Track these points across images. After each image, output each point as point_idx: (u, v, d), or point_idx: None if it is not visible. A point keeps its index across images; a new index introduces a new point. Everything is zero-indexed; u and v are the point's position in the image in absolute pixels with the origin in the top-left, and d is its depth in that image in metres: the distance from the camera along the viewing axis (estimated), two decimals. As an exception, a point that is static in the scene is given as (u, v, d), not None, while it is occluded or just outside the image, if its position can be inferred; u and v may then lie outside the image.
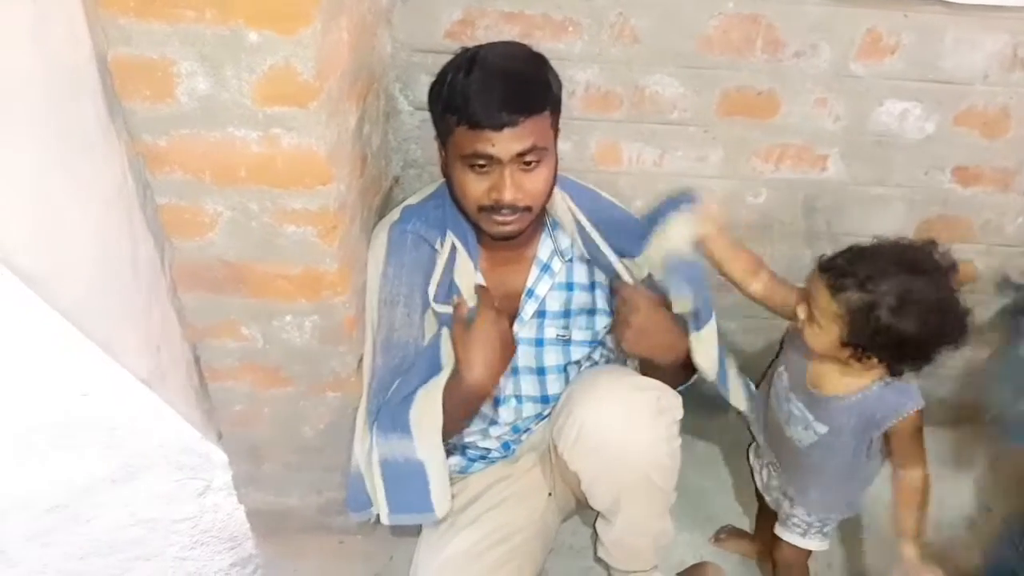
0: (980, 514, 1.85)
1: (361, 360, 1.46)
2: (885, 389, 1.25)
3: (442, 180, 1.43)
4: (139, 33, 1.05)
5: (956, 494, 1.86)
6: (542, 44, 1.52)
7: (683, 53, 1.54)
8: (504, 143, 1.22)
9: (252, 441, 1.58)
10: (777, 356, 1.45)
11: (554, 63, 1.33)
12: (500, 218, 1.29)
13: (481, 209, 1.29)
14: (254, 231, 1.24)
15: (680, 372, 1.45)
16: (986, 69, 1.54)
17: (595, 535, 1.51)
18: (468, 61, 1.24)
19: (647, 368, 1.43)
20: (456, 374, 1.33)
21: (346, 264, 1.32)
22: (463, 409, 1.37)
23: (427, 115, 1.60)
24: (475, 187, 1.27)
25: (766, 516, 1.63)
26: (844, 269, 1.18)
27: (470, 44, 1.48)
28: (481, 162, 1.24)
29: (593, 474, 1.35)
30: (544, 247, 1.44)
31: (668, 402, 1.35)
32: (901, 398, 1.24)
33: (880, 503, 1.42)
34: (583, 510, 1.61)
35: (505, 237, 1.33)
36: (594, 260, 1.44)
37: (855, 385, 1.26)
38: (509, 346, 1.36)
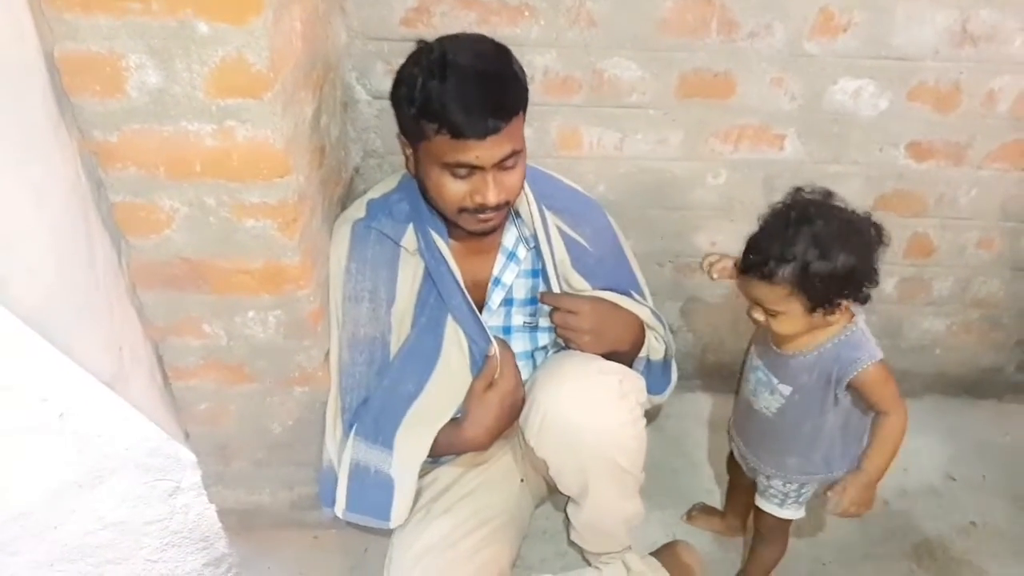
0: (943, 482, 1.89)
1: (327, 354, 1.45)
2: (840, 345, 1.28)
3: (404, 172, 1.43)
4: (86, 27, 1.03)
5: (919, 462, 1.90)
6: (499, 30, 1.52)
7: (640, 36, 1.55)
8: (487, 151, 1.22)
9: (220, 439, 1.56)
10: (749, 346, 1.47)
11: (512, 49, 1.31)
12: (483, 216, 1.30)
13: (462, 210, 1.29)
14: (212, 226, 1.22)
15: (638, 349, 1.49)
16: (936, 45, 1.57)
17: (567, 520, 1.52)
18: (439, 65, 1.21)
19: (607, 356, 1.45)
20: (458, 422, 1.37)
21: (308, 257, 1.31)
22: (451, 449, 1.40)
23: (386, 104, 1.59)
24: (455, 190, 1.26)
25: (737, 492, 1.65)
26: (760, 259, 1.22)
27: (426, 31, 1.48)
28: (464, 170, 1.24)
29: (560, 460, 1.36)
30: (509, 235, 1.44)
31: (631, 385, 1.36)
32: (855, 352, 1.27)
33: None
34: (555, 495, 1.62)
35: (486, 233, 1.34)
36: (538, 249, 1.44)
37: (813, 342, 1.29)
38: (518, 412, 1.39)
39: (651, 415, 1.86)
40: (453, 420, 1.38)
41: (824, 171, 1.72)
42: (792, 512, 1.47)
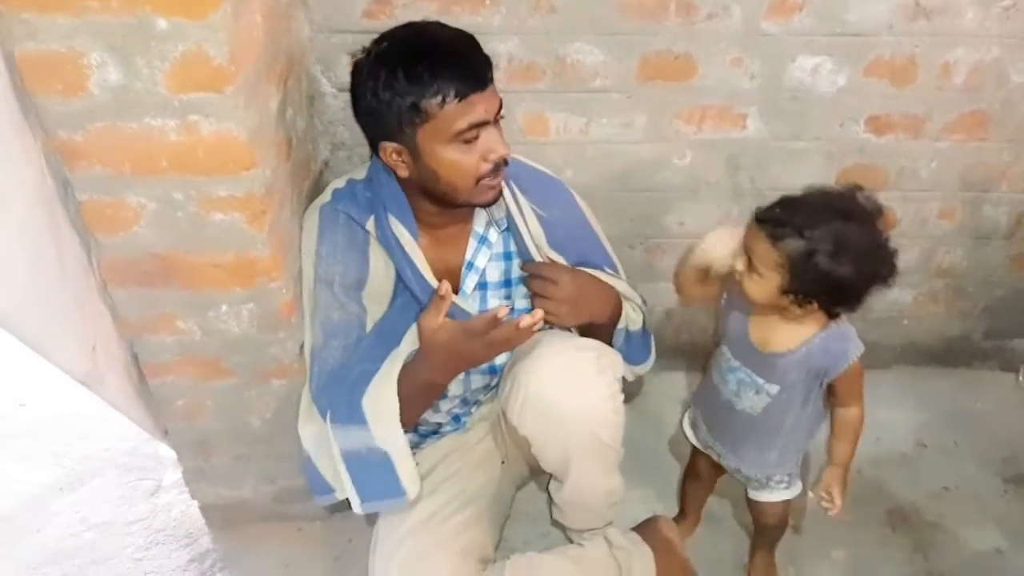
0: (915, 450, 1.93)
1: (303, 346, 1.46)
2: (827, 339, 1.29)
3: (367, 163, 1.44)
4: (44, 27, 1.03)
5: (891, 431, 1.94)
6: (461, 18, 1.53)
7: (600, 20, 1.57)
8: (489, 100, 1.25)
9: (199, 435, 1.57)
10: (714, 346, 1.48)
11: (475, 37, 1.32)
12: (494, 182, 1.31)
13: (479, 180, 1.29)
14: (181, 221, 1.23)
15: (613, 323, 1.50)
16: (890, 20, 1.59)
17: (550, 499, 1.54)
18: (412, 48, 1.22)
19: (585, 330, 1.47)
20: (416, 364, 1.33)
21: (278, 249, 1.32)
22: (421, 397, 1.38)
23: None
24: (469, 161, 1.27)
25: (697, 491, 1.67)
26: (781, 219, 1.21)
27: (389, 22, 1.48)
28: (474, 132, 1.25)
29: (542, 437, 1.37)
30: (479, 219, 1.45)
31: (608, 360, 1.38)
32: (843, 345, 1.28)
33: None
34: (537, 476, 1.64)
35: (494, 200, 1.36)
36: (512, 230, 1.46)
37: (798, 339, 1.29)
38: (475, 359, 1.32)
39: (632, 392, 1.89)
40: (406, 366, 1.34)
41: (787, 148, 1.75)
42: (797, 488, 1.48)
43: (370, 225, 1.39)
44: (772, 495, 1.48)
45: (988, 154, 1.80)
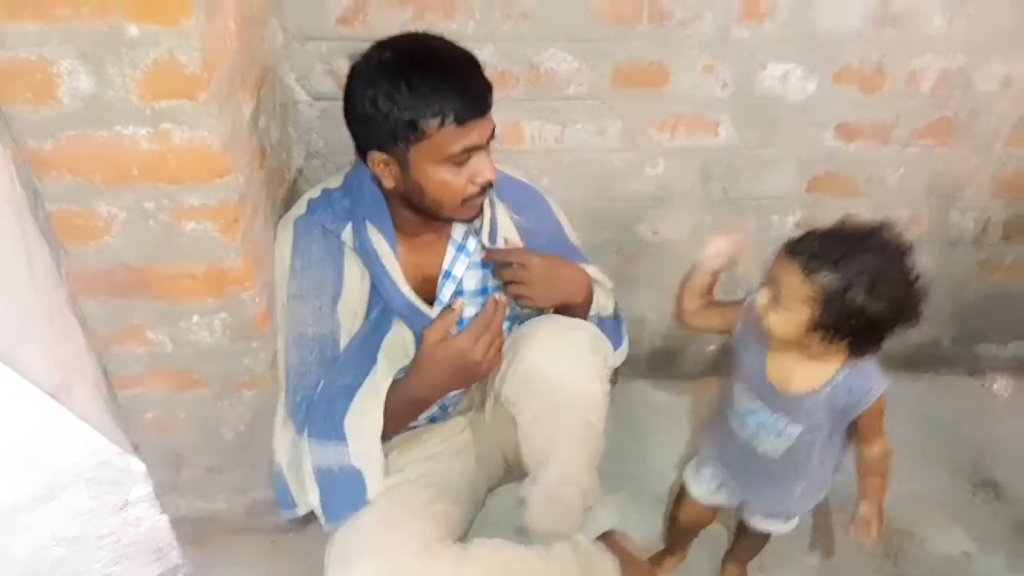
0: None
1: (275, 355, 1.44)
2: (851, 376, 1.24)
3: (343, 171, 1.43)
4: (13, 34, 1.01)
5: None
6: (436, 24, 1.53)
7: (573, 27, 1.57)
8: (485, 126, 1.25)
9: (171, 448, 1.55)
10: (723, 388, 1.44)
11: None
12: (477, 201, 1.31)
13: (465, 200, 1.29)
14: (152, 231, 1.21)
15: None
16: (859, 27, 1.62)
17: (520, 503, 1.50)
18: (414, 64, 1.20)
19: (561, 313, 1.46)
20: (407, 380, 1.34)
21: (251, 258, 1.31)
22: (404, 414, 1.38)
23: (328, 105, 1.61)
24: (458, 182, 1.27)
25: (688, 531, 1.63)
26: (816, 251, 1.16)
27: (363, 29, 1.49)
28: (466, 156, 1.24)
29: (534, 412, 1.35)
30: (458, 227, 1.45)
31: (602, 343, 1.40)
32: (868, 382, 1.24)
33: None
34: (510, 479, 1.63)
35: (476, 216, 1.36)
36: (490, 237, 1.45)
37: (821, 378, 1.25)
38: (468, 377, 1.35)
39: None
40: (396, 382, 1.35)
41: (759, 156, 1.77)
42: (794, 523, 1.47)
43: (346, 235, 1.37)
44: (771, 526, 1.47)
45: (955, 161, 1.83)
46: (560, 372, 1.32)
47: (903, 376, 2.12)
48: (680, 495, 1.58)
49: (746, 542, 1.58)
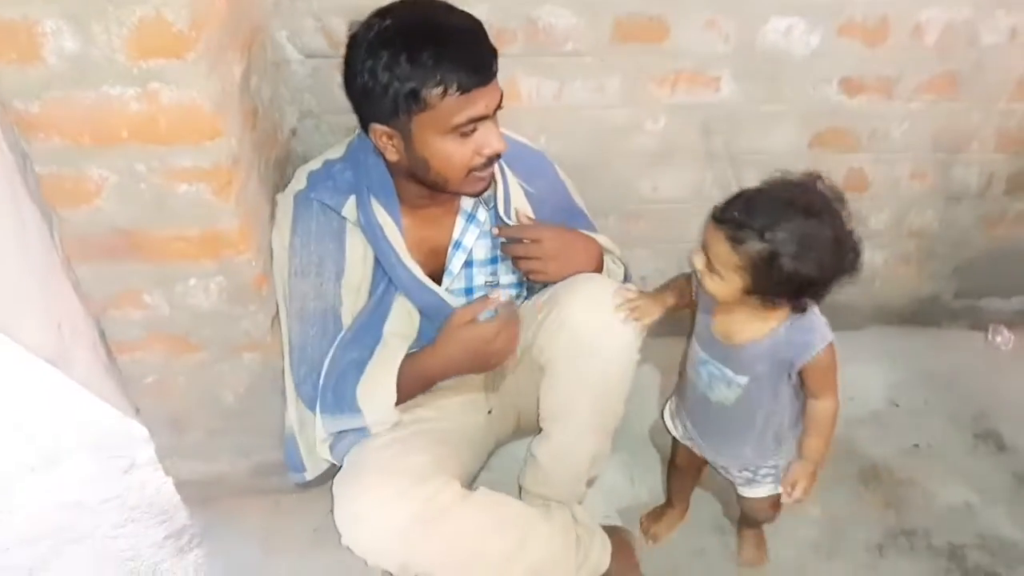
0: (887, 408, 1.96)
1: (274, 319, 1.44)
2: (792, 329, 1.24)
3: (346, 141, 1.40)
4: (-6, -7, 0.99)
5: (864, 391, 1.97)
6: (429, -19, 1.49)
7: (571, -19, 1.54)
8: (491, 95, 1.22)
9: (171, 412, 1.55)
10: (688, 337, 1.44)
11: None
12: (484, 173, 1.29)
13: (470, 172, 1.27)
14: (144, 193, 1.20)
15: None
16: (863, -22, 1.58)
17: (526, 460, 1.51)
18: (418, 33, 1.17)
19: None
20: (422, 356, 1.33)
21: (246, 220, 1.29)
22: (415, 389, 1.37)
23: (319, 63, 1.58)
24: (463, 153, 1.24)
25: (682, 478, 1.63)
26: (741, 221, 1.16)
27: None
28: (472, 126, 1.22)
29: (564, 363, 1.34)
30: (467, 199, 1.42)
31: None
32: (808, 336, 1.24)
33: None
34: (519, 436, 1.63)
35: (484, 191, 1.34)
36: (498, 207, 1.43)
37: (763, 329, 1.25)
38: (485, 364, 1.35)
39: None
40: (409, 355, 1.34)
41: (761, 111, 1.75)
42: (768, 486, 1.46)
43: (348, 210, 1.35)
44: (759, 490, 1.47)
45: (959, 115, 1.80)
46: (598, 331, 1.31)
47: (906, 331, 2.16)
48: (674, 439, 1.58)
49: (751, 522, 1.59)
